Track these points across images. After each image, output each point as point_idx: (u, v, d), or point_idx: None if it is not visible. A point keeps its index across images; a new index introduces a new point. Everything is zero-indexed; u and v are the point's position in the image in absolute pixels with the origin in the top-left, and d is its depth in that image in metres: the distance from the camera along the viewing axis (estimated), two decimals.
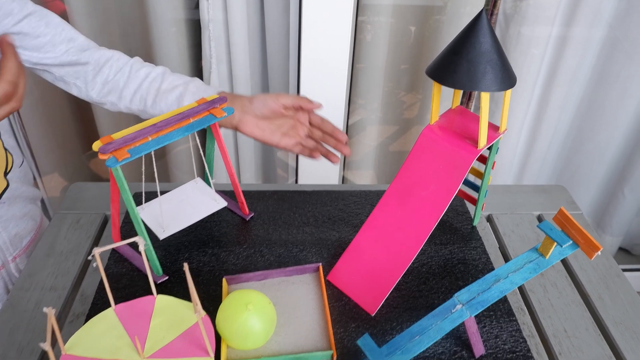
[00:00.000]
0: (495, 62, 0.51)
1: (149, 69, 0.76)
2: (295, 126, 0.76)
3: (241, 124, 0.73)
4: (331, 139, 0.76)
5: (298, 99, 0.74)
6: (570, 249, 0.52)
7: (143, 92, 0.74)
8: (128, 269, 0.66)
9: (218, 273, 0.66)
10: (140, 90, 0.75)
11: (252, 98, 0.74)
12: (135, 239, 0.50)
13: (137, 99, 0.75)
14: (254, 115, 0.73)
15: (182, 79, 0.75)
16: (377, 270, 0.62)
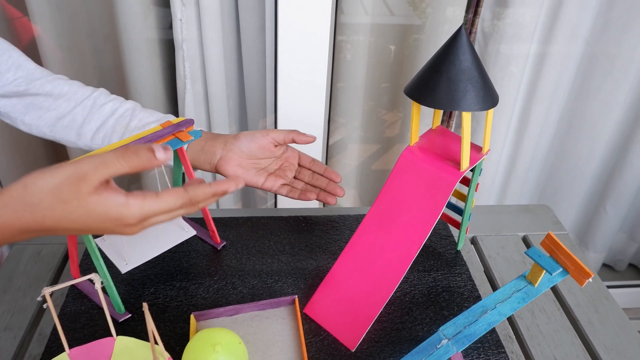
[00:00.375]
0: (476, 80, 0.48)
1: (116, 103, 0.67)
2: (283, 167, 0.70)
3: (222, 163, 0.66)
4: (322, 179, 0.70)
5: (290, 133, 0.67)
6: (560, 276, 0.49)
7: (108, 130, 0.65)
8: (87, 307, 0.61)
9: (186, 308, 0.61)
10: (104, 128, 0.66)
11: (237, 135, 0.67)
12: (90, 277, 0.46)
13: (100, 137, 0.66)
14: (238, 153, 0.66)
15: (154, 116, 0.67)
16: (357, 302, 0.58)
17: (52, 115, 0.66)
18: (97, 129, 0.66)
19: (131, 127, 0.66)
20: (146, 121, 0.66)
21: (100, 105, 0.66)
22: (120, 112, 0.66)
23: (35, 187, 0.39)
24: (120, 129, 0.65)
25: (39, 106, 0.66)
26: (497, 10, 1.18)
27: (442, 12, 1.19)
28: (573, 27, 1.18)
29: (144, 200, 0.40)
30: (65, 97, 0.66)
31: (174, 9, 1.10)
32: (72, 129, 0.66)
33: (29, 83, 0.65)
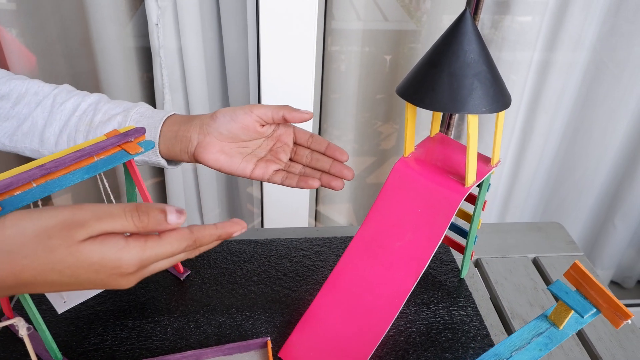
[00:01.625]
0: (484, 76, 0.39)
1: (79, 99, 0.57)
2: (275, 148, 0.57)
3: (201, 150, 0.54)
4: (324, 158, 0.56)
5: (280, 109, 0.54)
6: (591, 317, 0.40)
7: (71, 130, 0.56)
8: (20, 353, 0.51)
9: (138, 353, 0.51)
10: (67, 128, 0.56)
11: (214, 114, 0.55)
12: (12, 321, 0.36)
13: (64, 140, 0.57)
14: (217, 137, 0.54)
15: (121, 106, 0.57)
16: (342, 344, 0.49)
17: (11, 123, 0.57)
18: (60, 131, 0.56)
19: (95, 122, 0.56)
20: (112, 113, 0.56)
21: (61, 104, 0.57)
22: (83, 107, 0.57)
23: (16, 229, 0.32)
24: (84, 127, 0.56)
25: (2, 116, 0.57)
26: (497, 16, 1.14)
27: (439, 20, 1.17)
28: (578, 33, 1.15)
29: (146, 242, 0.35)
30: (23, 99, 0.57)
31: (149, 12, 1.04)
32: (34, 135, 0.57)
33: None
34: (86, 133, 0.56)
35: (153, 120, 0.56)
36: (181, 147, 0.55)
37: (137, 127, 0.49)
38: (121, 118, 0.56)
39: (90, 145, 0.46)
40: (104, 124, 0.56)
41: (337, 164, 0.55)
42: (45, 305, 0.54)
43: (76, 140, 0.56)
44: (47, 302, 0.52)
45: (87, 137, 0.56)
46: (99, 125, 0.56)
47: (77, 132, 0.56)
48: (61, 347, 0.51)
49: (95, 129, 0.56)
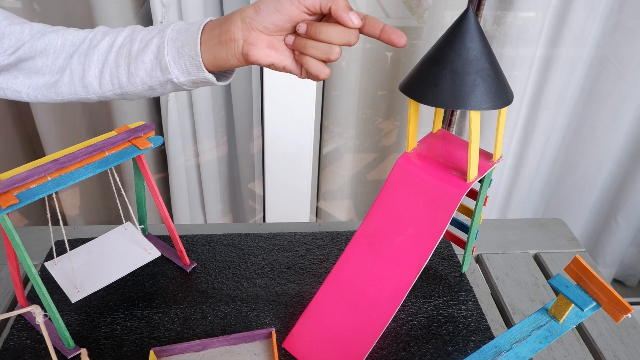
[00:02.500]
0: (487, 73, 0.40)
1: (113, 36, 0.54)
2: None
3: (249, 47, 0.49)
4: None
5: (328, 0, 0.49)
6: (591, 311, 0.41)
7: (112, 68, 0.53)
8: (34, 340, 0.52)
9: (147, 342, 0.52)
10: (107, 67, 0.53)
11: (257, 4, 0.50)
12: (30, 309, 0.37)
13: (107, 80, 0.53)
14: (264, 30, 0.50)
15: (156, 29, 0.53)
16: (344, 335, 0.50)
17: (54, 78, 0.54)
18: (101, 72, 0.53)
19: (134, 52, 0.52)
20: (148, 38, 0.52)
21: (96, 45, 0.54)
22: (119, 42, 0.53)
23: None
24: (123, 60, 0.52)
25: (37, 70, 0.54)
26: (500, 12, 1.13)
27: (441, 17, 1.15)
28: (581, 29, 1.14)
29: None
30: (62, 53, 0.54)
31: (153, 10, 1.05)
32: (76, 84, 0.54)
33: (18, 49, 0.53)
34: (127, 66, 0.52)
35: (190, 33, 0.51)
36: (227, 50, 0.50)
37: (146, 122, 0.50)
38: (158, 40, 0.51)
39: (102, 140, 0.47)
40: (142, 52, 0.52)
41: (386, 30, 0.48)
42: (57, 295, 0.55)
43: (119, 77, 0.53)
44: (59, 291, 0.53)
45: (129, 71, 0.52)
46: (138, 54, 0.52)
47: (118, 67, 0.53)
48: (73, 335, 0.52)
49: (135, 59, 0.52)
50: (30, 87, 0.54)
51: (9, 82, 0.54)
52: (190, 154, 1.25)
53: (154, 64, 0.51)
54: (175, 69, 0.49)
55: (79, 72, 0.53)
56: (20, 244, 0.45)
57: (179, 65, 0.49)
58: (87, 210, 1.32)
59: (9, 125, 1.23)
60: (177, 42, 0.50)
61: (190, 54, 0.49)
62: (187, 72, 0.50)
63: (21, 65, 0.54)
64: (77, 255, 0.55)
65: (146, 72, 0.51)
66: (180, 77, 0.50)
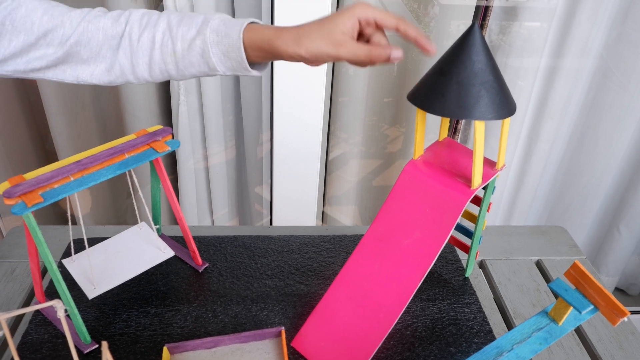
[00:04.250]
0: (491, 85, 0.42)
1: (150, 31, 0.54)
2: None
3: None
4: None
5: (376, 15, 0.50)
6: (589, 314, 0.42)
7: (160, 64, 0.55)
8: (52, 335, 0.54)
9: (160, 339, 0.54)
10: (154, 63, 0.55)
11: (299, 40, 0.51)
12: (52, 303, 0.39)
13: (157, 74, 0.56)
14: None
15: (193, 27, 0.54)
16: (351, 336, 0.51)
17: (100, 67, 0.56)
18: (149, 67, 0.55)
19: (178, 52, 0.54)
20: (188, 38, 0.54)
21: (138, 41, 0.55)
22: (158, 39, 0.55)
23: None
24: (170, 58, 0.54)
25: (84, 61, 0.55)
26: (505, 23, 1.15)
27: (447, 26, 1.16)
28: (585, 40, 1.14)
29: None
30: (104, 44, 0.55)
31: None
32: (127, 75, 0.56)
33: (65, 42, 0.54)
34: (175, 64, 0.54)
35: (232, 40, 0.52)
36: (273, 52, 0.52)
37: (164, 127, 0.52)
38: (200, 42, 0.53)
39: (122, 143, 0.49)
40: (187, 52, 0.53)
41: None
42: (73, 291, 0.57)
43: (169, 71, 0.55)
44: (75, 288, 0.55)
45: (177, 68, 0.54)
46: (183, 54, 0.54)
47: (167, 64, 0.54)
48: (89, 330, 0.54)
49: (182, 59, 0.54)
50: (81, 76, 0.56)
51: (59, 75, 0.56)
52: (199, 157, 1.27)
53: (201, 63, 0.53)
54: (222, 67, 0.53)
55: (129, 66, 0.55)
56: (43, 241, 0.47)
57: (227, 65, 0.53)
58: (97, 210, 1.34)
59: (22, 127, 1.26)
60: (220, 45, 0.52)
61: (237, 60, 0.52)
62: (233, 70, 0.53)
63: (69, 59, 0.55)
64: (94, 253, 0.57)
65: (195, 69, 0.54)
66: (228, 72, 0.53)
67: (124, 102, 1.16)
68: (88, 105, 1.20)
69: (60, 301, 0.40)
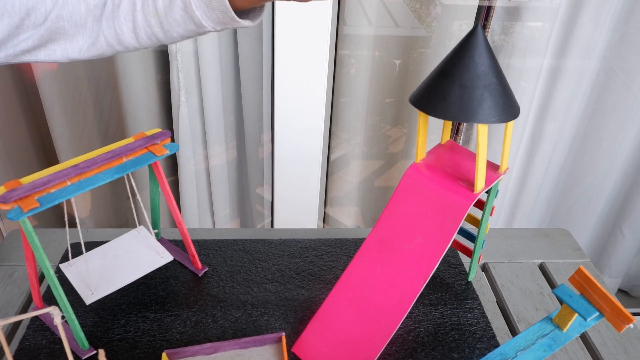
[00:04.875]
0: (494, 87, 0.41)
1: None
2: None
3: None
4: None
5: None
6: (594, 321, 0.42)
7: (145, 29, 0.51)
8: (49, 341, 0.54)
9: (159, 344, 0.54)
10: (139, 28, 0.51)
11: None
12: (49, 310, 0.39)
13: (144, 39, 0.52)
14: None
15: None
16: (352, 341, 0.50)
17: (87, 40, 0.53)
18: (135, 33, 0.52)
19: (160, 10, 0.50)
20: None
21: (119, 6, 0.51)
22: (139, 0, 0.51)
23: None
24: (154, 20, 0.51)
25: (70, 37, 0.53)
26: (507, 23, 1.14)
27: (449, 26, 1.16)
28: (588, 41, 1.14)
29: None
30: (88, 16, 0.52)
31: None
32: (114, 45, 0.53)
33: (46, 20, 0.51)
34: (160, 25, 0.51)
35: None
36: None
37: (162, 130, 0.51)
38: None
39: (120, 147, 0.48)
40: (169, 9, 0.49)
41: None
42: (71, 296, 0.56)
43: (155, 35, 0.52)
44: (73, 293, 0.54)
45: (163, 29, 0.51)
46: (165, 12, 0.50)
47: (151, 26, 0.51)
48: (87, 336, 0.54)
49: (165, 17, 0.50)
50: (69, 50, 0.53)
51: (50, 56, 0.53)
52: (200, 157, 1.26)
53: (186, 19, 0.49)
54: (208, 22, 0.48)
55: (113, 36, 0.52)
56: (39, 247, 0.46)
57: (212, 18, 0.48)
58: (97, 212, 1.34)
59: (23, 128, 1.25)
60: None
61: (221, 9, 0.47)
62: (221, 23, 0.49)
63: (55, 36, 0.52)
64: (91, 257, 0.56)
65: (180, 27, 0.50)
66: (217, 27, 0.49)
67: (124, 103, 1.15)
68: (89, 106, 1.20)
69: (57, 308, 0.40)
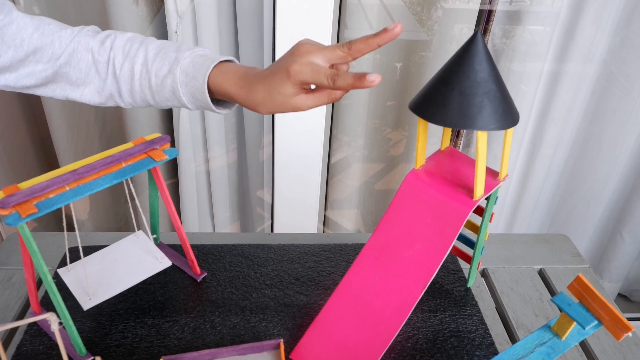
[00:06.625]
0: (494, 95, 0.41)
1: (130, 62, 0.56)
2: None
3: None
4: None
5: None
6: (593, 329, 0.41)
7: (140, 94, 0.57)
8: (46, 346, 0.54)
9: (157, 350, 0.53)
10: (135, 93, 0.57)
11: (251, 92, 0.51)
12: (45, 316, 0.39)
13: (139, 100, 0.57)
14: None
15: (166, 62, 0.55)
16: (351, 348, 0.50)
17: (90, 88, 0.58)
18: (132, 94, 0.57)
19: (154, 87, 0.55)
20: (162, 74, 0.55)
21: (121, 69, 0.56)
22: (137, 70, 0.56)
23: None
24: (148, 91, 0.56)
25: (73, 82, 0.57)
26: (508, 27, 1.14)
27: (450, 30, 1.16)
28: (589, 45, 1.14)
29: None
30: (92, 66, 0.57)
31: (169, 20, 1.06)
32: (115, 98, 0.58)
33: (53, 63, 0.55)
34: (152, 95, 0.56)
35: (198, 83, 0.53)
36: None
37: (162, 135, 0.51)
38: (171, 82, 0.54)
39: (119, 151, 0.48)
40: (160, 88, 0.55)
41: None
42: (69, 302, 0.56)
43: (148, 101, 0.57)
44: (71, 298, 0.54)
45: (155, 100, 0.56)
46: (157, 89, 0.55)
47: (145, 95, 0.56)
48: (84, 342, 0.53)
49: (158, 93, 0.55)
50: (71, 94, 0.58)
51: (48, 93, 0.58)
52: (200, 160, 1.27)
53: (173, 99, 0.55)
54: (192, 106, 0.55)
55: (116, 91, 0.58)
56: (37, 252, 0.46)
57: (195, 104, 0.55)
58: (96, 215, 1.34)
59: (23, 131, 1.25)
60: (188, 87, 0.54)
61: (204, 101, 0.53)
62: (203, 108, 0.55)
63: (58, 79, 0.57)
64: (89, 262, 0.56)
65: (169, 102, 0.57)
66: (199, 109, 0.56)
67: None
68: (89, 110, 1.20)
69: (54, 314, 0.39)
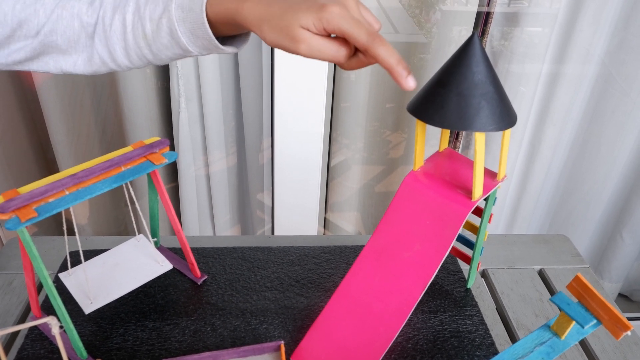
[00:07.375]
0: (491, 96, 0.41)
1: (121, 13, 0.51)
2: None
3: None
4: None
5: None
6: (592, 328, 0.42)
7: (136, 50, 0.51)
8: (47, 350, 0.54)
9: (158, 353, 0.53)
10: (130, 49, 0.51)
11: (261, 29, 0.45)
12: (47, 320, 0.39)
13: (136, 58, 0.52)
14: None
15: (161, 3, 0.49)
16: (351, 349, 0.50)
17: (82, 57, 0.53)
18: (127, 53, 0.52)
19: (148, 35, 0.50)
20: (155, 17, 0.49)
21: (111, 25, 0.51)
22: (129, 20, 0.51)
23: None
24: (143, 42, 0.51)
25: (63, 51, 0.53)
26: (506, 29, 1.15)
27: (449, 32, 1.17)
28: (587, 47, 1.14)
29: None
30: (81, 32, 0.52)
31: None
32: (108, 63, 0.54)
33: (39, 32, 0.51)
34: (149, 47, 0.51)
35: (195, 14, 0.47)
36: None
37: (161, 138, 0.51)
38: (167, 22, 0.48)
39: (118, 155, 0.48)
40: (157, 34, 0.49)
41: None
42: (70, 305, 0.56)
43: (145, 56, 0.52)
44: (72, 302, 0.54)
45: (152, 51, 0.51)
46: (153, 36, 0.50)
47: (141, 48, 0.51)
48: (85, 345, 0.53)
49: (154, 41, 0.50)
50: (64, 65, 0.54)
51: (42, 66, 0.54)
52: (200, 163, 1.27)
53: (173, 44, 0.49)
54: (194, 48, 0.48)
55: (107, 54, 0.52)
56: (37, 257, 0.46)
57: (197, 44, 0.48)
58: (96, 219, 1.34)
59: (22, 134, 1.26)
60: (186, 22, 0.47)
61: (205, 37, 0.47)
62: (206, 49, 0.49)
63: (47, 50, 0.53)
64: (90, 266, 0.56)
65: (169, 51, 0.50)
66: (203, 52, 0.49)
67: (124, 109, 1.15)
68: (88, 113, 1.20)
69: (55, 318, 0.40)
